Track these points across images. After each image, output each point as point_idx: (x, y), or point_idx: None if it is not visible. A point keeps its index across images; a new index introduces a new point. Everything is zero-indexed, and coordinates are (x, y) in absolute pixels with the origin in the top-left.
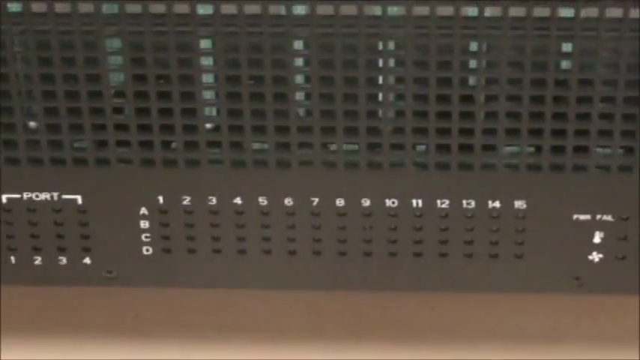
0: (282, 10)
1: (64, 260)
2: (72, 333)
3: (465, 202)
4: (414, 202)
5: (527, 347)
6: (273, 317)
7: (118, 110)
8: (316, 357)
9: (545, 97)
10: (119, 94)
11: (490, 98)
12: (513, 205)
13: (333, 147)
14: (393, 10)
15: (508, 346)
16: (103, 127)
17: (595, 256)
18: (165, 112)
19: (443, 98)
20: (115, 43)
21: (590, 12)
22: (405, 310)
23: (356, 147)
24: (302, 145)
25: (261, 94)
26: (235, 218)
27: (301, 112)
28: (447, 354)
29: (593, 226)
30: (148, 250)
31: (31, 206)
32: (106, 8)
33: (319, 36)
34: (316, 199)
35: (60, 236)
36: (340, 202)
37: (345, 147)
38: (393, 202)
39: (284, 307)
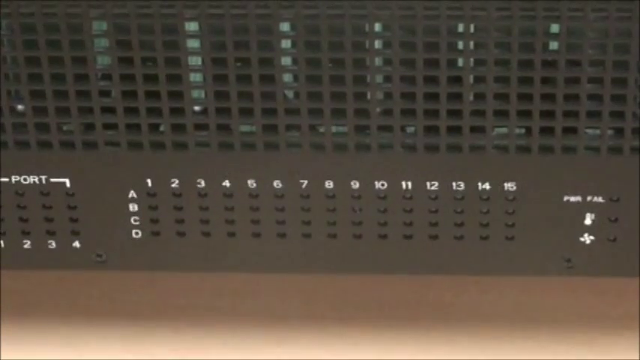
0: None
1: (53, 244)
2: (62, 317)
3: (454, 184)
4: (404, 184)
5: (519, 329)
6: (263, 300)
7: (105, 93)
8: (308, 340)
9: (533, 78)
10: (106, 76)
11: (478, 80)
12: (503, 187)
13: (321, 129)
14: None
15: (500, 327)
16: (90, 110)
17: (586, 238)
18: (153, 94)
19: (431, 80)
20: (101, 26)
21: None
22: (395, 293)
23: (344, 129)
24: (290, 127)
25: (248, 76)
26: (224, 201)
27: (289, 94)
28: (439, 336)
29: (584, 207)
30: (137, 234)
31: (20, 190)
32: None
33: (305, 17)
34: (305, 182)
35: (49, 220)
36: (329, 185)
37: (334, 129)
38: (383, 185)
39: (274, 289)
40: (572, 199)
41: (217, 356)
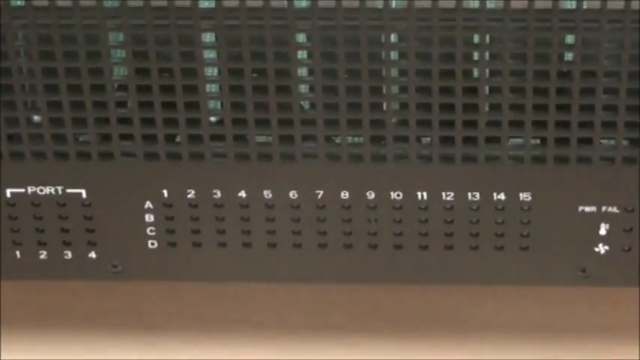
0: (284, 2)
1: (69, 254)
2: (77, 329)
3: (469, 194)
4: (419, 194)
5: (534, 340)
6: (280, 311)
7: (121, 104)
8: (322, 350)
9: (548, 89)
10: (122, 87)
11: (493, 90)
12: (518, 197)
13: (337, 140)
14: (396, 2)
15: (514, 339)
16: (106, 120)
17: (601, 248)
18: (169, 105)
19: (446, 90)
20: (117, 37)
21: (592, 4)
22: (410, 303)
23: (360, 139)
24: (306, 137)
25: (265, 87)
26: (240, 211)
27: (305, 104)
28: (452, 347)
29: (599, 217)
30: (153, 244)
31: (36, 200)
32: (108, 2)
33: (321, 29)
34: (321, 192)
35: (65, 230)
36: (345, 195)
37: (349, 139)
38: (398, 195)
39: (290, 300)
40: (587, 209)
41: None
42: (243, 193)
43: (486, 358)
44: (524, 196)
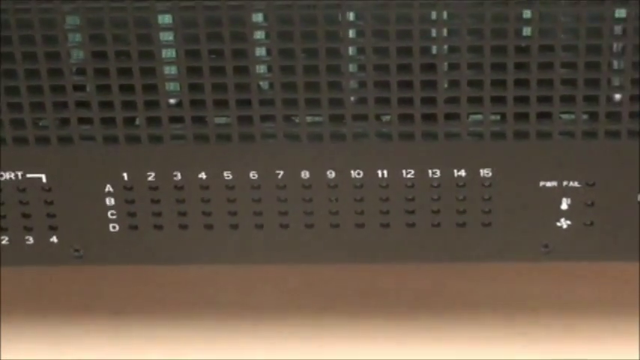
0: None
1: (30, 240)
2: (44, 314)
3: (430, 171)
4: (379, 172)
5: (499, 316)
6: (243, 292)
7: (79, 87)
8: (291, 329)
9: (506, 64)
10: (80, 71)
11: (452, 67)
12: (479, 173)
13: (296, 119)
14: None
15: (479, 315)
16: (64, 104)
17: (563, 223)
18: (127, 88)
19: (404, 68)
20: (74, 20)
21: None
22: (373, 282)
23: (319, 119)
24: (265, 118)
25: (222, 67)
26: (200, 193)
27: (263, 85)
28: (418, 324)
29: (560, 192)
30: (114, 228)
31: None
32: None
33: (278, 7)
34: (281, 172)
35: (26, 215)
36: (305, 175)
37: (309, 119)
38: (359, 174)
39: (251, 281)
40: (548, 184)
41: (198, 351)
42: (203, 175)
43: (452, 336)
44: (485, 172)
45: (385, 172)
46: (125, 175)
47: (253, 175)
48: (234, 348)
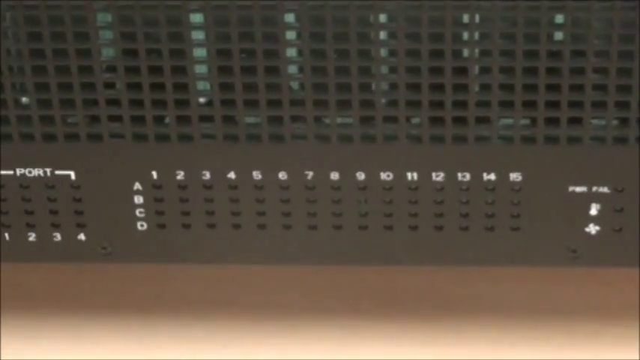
0: None
1: (58, 237)
2: (67, 310)
3: (459, 174)
4: (409, 175)
5: (525, 320)
6: (269, 293)
7: (109, 85)
8: (313, 332)
9: (538, 68)
10: (110, 68)
11: (483, 70)
12: (508, 177)
13: (326, 120)
14: None
15: (505, 319)
16: (94, 102)
17: (592, 228)
18: (157, 86)
19: (436, 70)
20: (105, 18)
21: None
22: (400, 284)
23: (349, 120)
24: (295, 118)
25: (253, 67)
26: (229, 193)
27: (294, 85)
28: (444, 328)
29: (589, 198)
30: (142, 226)
31: (24, 182)
32: None
33: (310, 8)
34: (310, 173)
35: (54, 212)
36: (335, 176)
37: (339, 120)
38: (388, 176)
39: (280, 282)
40: (578, 189)
41: (223, 349)
42: (232, 175)
43: (477, 337)
44: (515, 177)
45: (415, 174)
46: (154, 173)
47: (282, 175)
48: (261, 348)
